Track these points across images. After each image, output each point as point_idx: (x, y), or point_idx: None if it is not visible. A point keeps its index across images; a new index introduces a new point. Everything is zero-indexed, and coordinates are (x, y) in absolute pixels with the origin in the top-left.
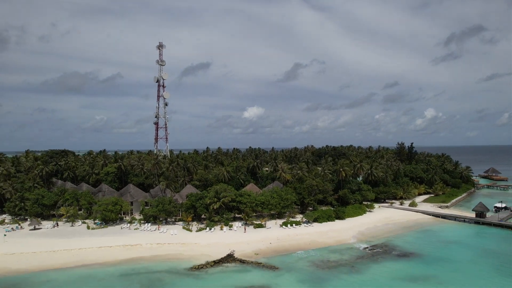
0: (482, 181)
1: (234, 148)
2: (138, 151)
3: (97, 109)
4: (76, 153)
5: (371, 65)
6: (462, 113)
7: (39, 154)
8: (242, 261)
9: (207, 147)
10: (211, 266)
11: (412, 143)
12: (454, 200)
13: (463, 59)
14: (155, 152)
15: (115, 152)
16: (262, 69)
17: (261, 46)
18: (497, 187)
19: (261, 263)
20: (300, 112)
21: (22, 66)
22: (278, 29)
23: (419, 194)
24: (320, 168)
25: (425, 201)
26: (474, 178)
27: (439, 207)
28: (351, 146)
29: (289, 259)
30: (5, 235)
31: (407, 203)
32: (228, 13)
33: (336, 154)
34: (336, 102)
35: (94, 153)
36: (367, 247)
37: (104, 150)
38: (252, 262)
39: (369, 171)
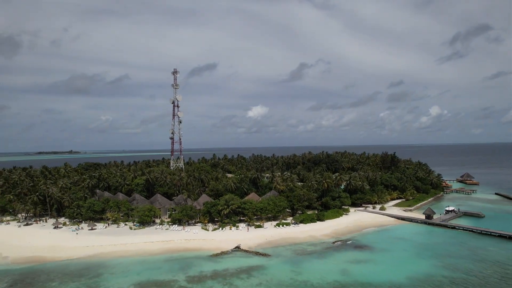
0: (457, 185)
1: (238, 155)
2: (154, 161)
3: (103, 110)
4: (82, 153)
5: (376, 64)
6: (467, 111)
7: (75, 166)
8: (245, 251)
9: (214, 154)
10: (225, 254)
11: (394, 152)
12: (418, 204)
13: (468, 57)
14: (171, 164)
15: (135, 163)
16: (266, 69)
17: (264, 46)
18: (463, 191)
19: (258, 252)
20: (304, 111)
21: (31, 68)
22: (281, 28)
23: (392, 199)
24: (311, 175)
25: (395, 205)
26: (449, 182)
27: (404, 210)
28: (345, 152)
29: (278, 249)
30: (77, 233)
31: (379, 207)
32: (229, 13)
33: (330, 161)
34: (341, 101)
35: (118, 163)
36: (335, 242)
37: (129, 163)
38: (252, 251)
39: (348, 181)
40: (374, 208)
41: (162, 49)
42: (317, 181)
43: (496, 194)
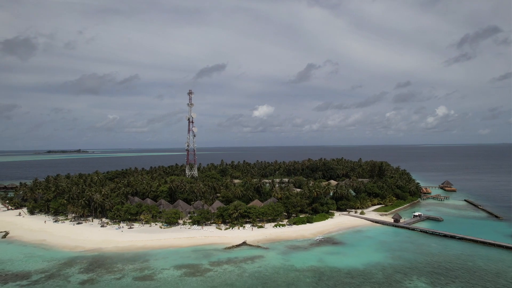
0: (437, 192)
1: (244, 161)
2: (170, 167)
3: (110, 109)
4: (90, 152)
5: (383, 64)
6: (474, 111)
7: (104, 173)
8: (250, 245)
9: (222, 160)
10: (235, 247)
11: (382, 162)
12: (393, 210)
13: (476, 59)
14: (186, 171)
15: (154, 169)
16: (273, 68)
17: (270, 45)
18: (438, 198)
19: (260, 246)
20: (310, 111)
21: (43, 68)
22: (287, 27)
23: (374, 205)
24: (306, 182)
25: (374, 210)
26: (430, 189)
27: (380, 215)
28: (342, 158)
29: (274, 244)
30: (122, 231)
31: (359, 211)
32: (235, 12)
33: (326, 168)
34: (348, 101)
35: (139, 170)
36: (318, 239)
37: (149, 170)
38: (255, 245)
39: (335, 190)
40: (356, 212)
41: (169, 48)
42: (309, 190)
43: (465, 200)
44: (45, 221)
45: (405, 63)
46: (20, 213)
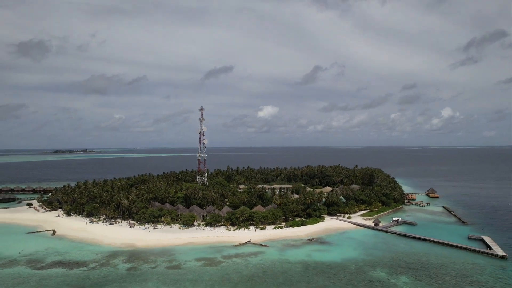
0: (422, 198)
1: (248, 167)
2: (181, 172)
3: (117, 108)
4: (97, 152)
5: (389, 66)
6: (480, 113)
7: (125, 179)
8: (254, 244)
9: (228, 166)
10: (241, 245)
11: (373, 170)
12: (377, 215)
13: (482, 62)
14: (198, 178)
15: (167, 176)
16: (278, 69)
17: (275, 46)
18: (419, 204)
19: (262, 244)
20: (315, 112)
21: (52, 68)
22: (293, 28)
23: (361, 210)
24: (303, 187)
25: (361, 215)
26: (416, 195)
27: (365, 219)
28: (339, 165)
29: (273, 243)
30: (149, 231)
31: (347, 216)
32: (241, 13)
33: (322, 176)
34: (353, 102)
35: (155, 176)
36: (309, 239)
37: (162, 175)
38: (257, 244)
39: (327, 197)
40: (344, 217)
41: (174, 48)
42: (304, 197)
43: (443, 207)
44: (86, 222)
45: (411, 65)
46: (58, 214)
